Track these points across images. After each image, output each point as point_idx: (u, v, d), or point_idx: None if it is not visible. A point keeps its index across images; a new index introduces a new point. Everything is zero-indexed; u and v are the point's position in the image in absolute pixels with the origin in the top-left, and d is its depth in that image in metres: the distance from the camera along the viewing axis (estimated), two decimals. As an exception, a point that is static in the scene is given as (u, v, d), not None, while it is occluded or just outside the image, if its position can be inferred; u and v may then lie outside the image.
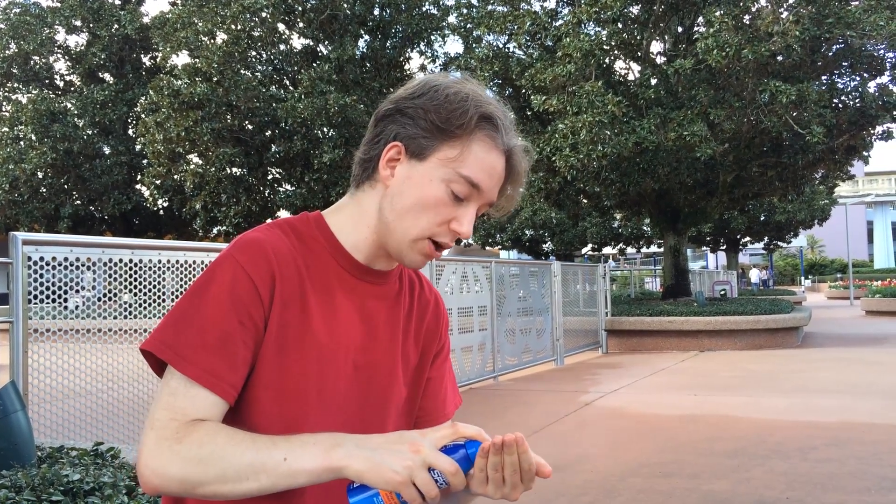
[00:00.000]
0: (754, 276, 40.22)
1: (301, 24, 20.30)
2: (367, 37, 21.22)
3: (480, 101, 1.13)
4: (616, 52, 15.21)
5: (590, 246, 38.03)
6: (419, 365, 1.30)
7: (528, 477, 1.00)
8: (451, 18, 19.61)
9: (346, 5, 19.78)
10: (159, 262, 4.61)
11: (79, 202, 25.09)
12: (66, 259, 4.08)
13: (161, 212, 26.17)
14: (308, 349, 1.13)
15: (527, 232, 36.34)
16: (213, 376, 1.04)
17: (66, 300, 4.14)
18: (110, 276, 4.36)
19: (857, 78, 14.39)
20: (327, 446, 0.98)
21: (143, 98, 19.45)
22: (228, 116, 18.66)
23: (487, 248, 39.88)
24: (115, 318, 4.48)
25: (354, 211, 1.20)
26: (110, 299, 4.43)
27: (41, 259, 3.93)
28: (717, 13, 12.41)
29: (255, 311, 1.08)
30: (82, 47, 25.36)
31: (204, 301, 1.06)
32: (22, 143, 24.05)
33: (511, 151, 1.16)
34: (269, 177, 20.85)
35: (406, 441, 0.97)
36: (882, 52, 13.94)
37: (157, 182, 20.02)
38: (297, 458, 0.97)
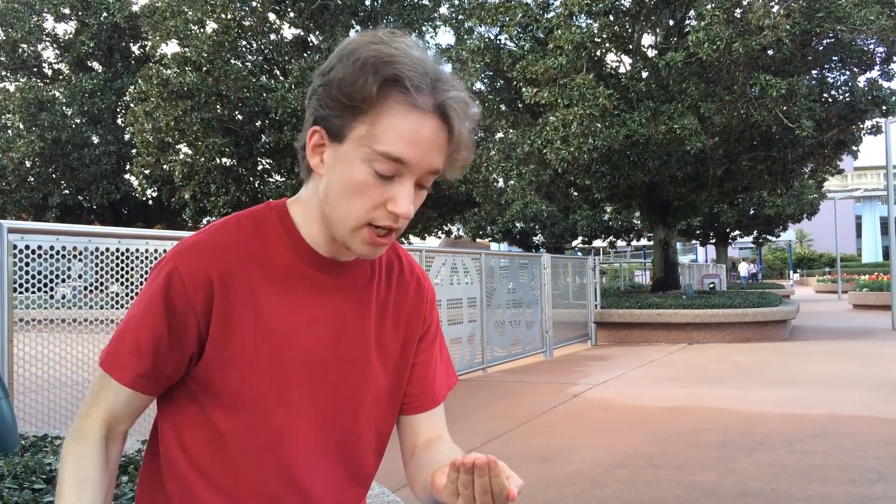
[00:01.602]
0: (743, 269, 40.41)
1: (292, 14, 20.19)
2: (358, 27, 21.13)
3: (380, 64, 1.00)
4: (607, 44, 15.18)
5: (580, 238, 38.11)
6: (402, 351, 1.25)
7: (500, 500, 0.93)
8: (443, 9, 19.52)
9: (337, -5, 19.69)
10: (146, 251, 4.58)
11: (67, 192, 24.92)
12: (51, 248, 4.04)
13: (150, 202, 26.03)
14: (261, 347, 1.10)
15: (517, 224, 36.38)
16: (126, 371, 1.11)
17: (52, 290, 4.11)
18: (98, 266, 4.33)
19: (847, 72, 14.42)
20: None
21: (132, 87, 19.30)
22: (218, 106, 18.54)
23: (478, 240, 39.89)
24: (101, 307, 4.46)
25: (308, 202, 1.14)
26: (97, 289, 4.40)
27: (27, 247, 3.90)
28: (709, 6, 12.41)
29: (187, 315, 1.08)
30: (71, 35, 25.14)
31: (139, 305, 1.11)
32: (9, 131, 23.85)
33: (442, 106, 1.02)
34: (259, 167, 20.75)
35: None
36: (872, 46, 13.97)
37: (146, 172, 19.91)
38: None
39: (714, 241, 39.41)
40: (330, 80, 1.04)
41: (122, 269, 4.44)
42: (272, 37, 20.54)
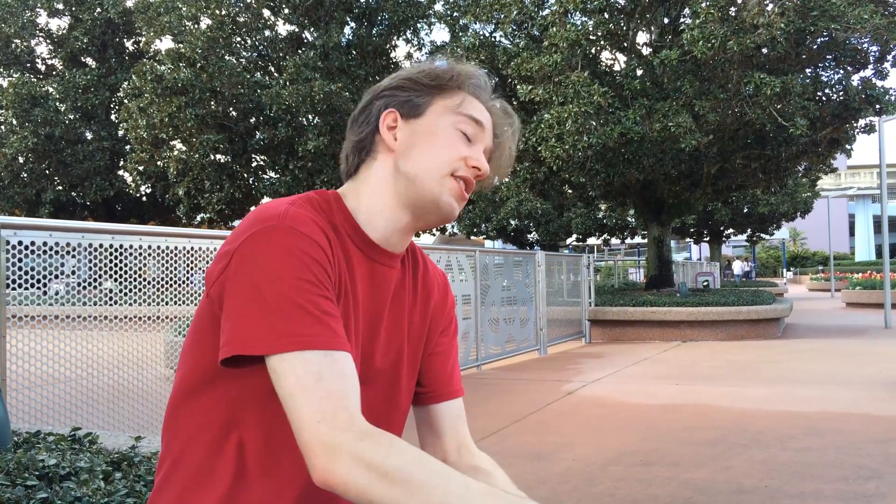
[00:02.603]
0: (738, 268, 40.47)
1: (286, 10, 20.14)
2: (352, 24, 21.09)
3: (458, 65, 1.23)
4: (602, 42, 15.18)
5: (574, 236, 38.12)
6: (426, 344, 1.28)
7: None
8: (438, 6, 19.51)
9: (331, -8, 19.64)
10: (140, 247, 4.57)
11: (60, 188, 24.85)
12: (45, 244, 4.02)
13: (144, 198, 25.98)
14: (347, 331, 1.09)
15: (512, 222, 36.38)
16: (337, 336, 0.99)
17: (45, 286, 4.09)
18: (92, 262, 4.32)
19: (841, 71, 14.46)
20: None
21: (126, 83, 19.22)
22: (212, 102, 18.50)
23: (472, 237, 39.90)
24: (95, 304, 4.44)
25: (364, 189, 1.18)
26: (91, 286, 4.38)
27: (20, 243, 3.88)
28: (704, 4, 12.42)
29: (332, 273, 1.06)
30: (64, 31, 25.05)
31: (286, 277, 0.99)
32: (3, 127, 23.78)
33: (492, 109, 1.24)
34: (254, 164, 20.72)
35: None
36: (866, 45, 14.01)
37: (140, 168, 19.86)
38: None
39: (708, 239, 39.49)
40: (408, 75, 1.22)
41: (116, 265, 4.42)
42: (266, 33, 20.49)
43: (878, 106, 13.82)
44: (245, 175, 20.19)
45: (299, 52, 19.81)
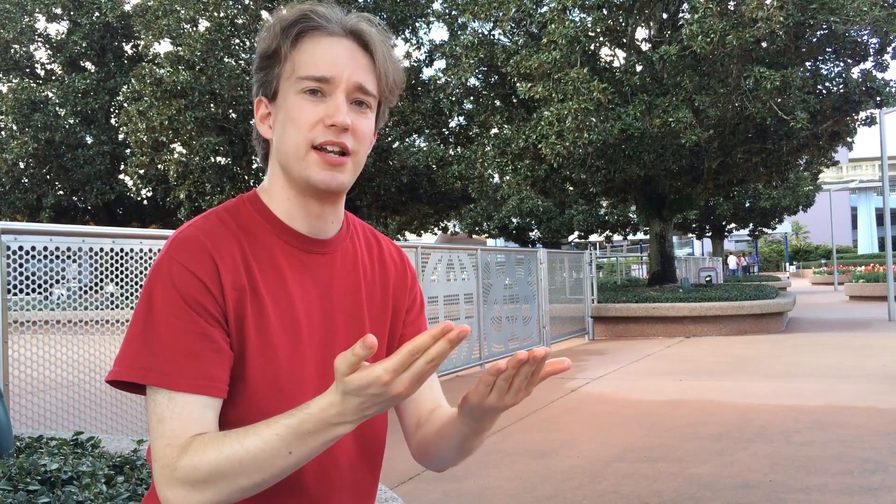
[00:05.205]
0: (732, 262, 40.38)
1: (284, 12, 20.14)
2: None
3: (287, 16, 1.12)
4: (601, 38, 15.17)
5: (576, 233, 38.11)
6: (392, 324, 1.26)
7: (533, 382, 0.99)
8: (436, 5, 19.50)
9: (330, -8, 19.62)
10: (141, 251, 4.56)
11: (61, 192, 24.86)
12: (45, 248, 4.02)
13: (145, 202, 25.99)
14: (270, 335, 1.08)
15: (513, 220, 36.41)
16: (194, 379, 1.00)
17: (48, 291, 4.09)
18: (93, 266, 4.31)
19: (841, 64, 14.45)
20: (325, 437, 0.93)
21: (126, 87, 19.22)
22: (212, 105, 18.49)
23: (474, 236, 39.90)
24: (97, 308, 4.43)
25: (272, 181, 1.16)
26: (93, 290, 4.37)
27: (20, 248, 3.87)
28: (702, -1, 12.41)
29: (210, 304, 1.03)
30: (63, 35, 25.06)
31: (158, 310, 1.01)
32: (3, 132, 23.80)
33: (355, 29, 1.11)
34: (254, 166, 20.72)
35: (367, 391, 0.89)
36: (865, 37, 14.00)
37: (141, 172, 19.85)
38: (302, 453, 0.94)
39: (710, 234, 39.46)
40: (258, 51, 1.14)
41: (118, 269, 4.41)
42: (265, 35, 20.46)
43: (878, 98, 13.80)
44: (246, 177, 20.19)
45: (298, 53, 19.79)
